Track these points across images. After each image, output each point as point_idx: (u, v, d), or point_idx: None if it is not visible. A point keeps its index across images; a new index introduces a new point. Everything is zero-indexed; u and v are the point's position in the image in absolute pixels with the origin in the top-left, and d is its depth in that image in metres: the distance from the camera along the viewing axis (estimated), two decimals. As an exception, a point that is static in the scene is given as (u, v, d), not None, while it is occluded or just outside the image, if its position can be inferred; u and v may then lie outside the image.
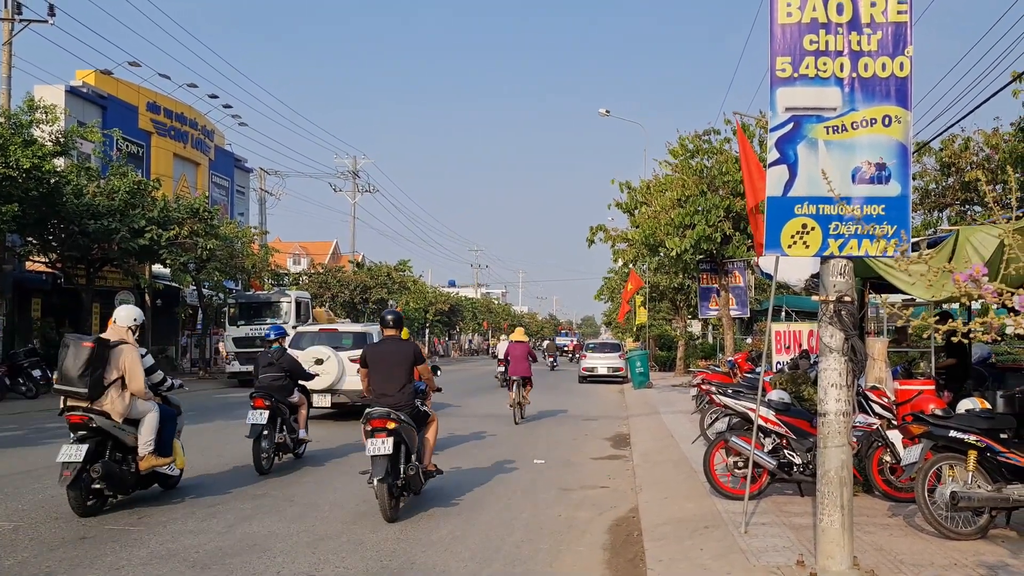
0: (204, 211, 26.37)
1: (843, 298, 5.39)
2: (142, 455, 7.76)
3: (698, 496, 8.19)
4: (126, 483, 7.69)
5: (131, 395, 7.69)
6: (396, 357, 7.96)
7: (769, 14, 5.45)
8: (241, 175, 42.97)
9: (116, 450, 7.64)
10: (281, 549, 6.53)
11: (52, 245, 23.56)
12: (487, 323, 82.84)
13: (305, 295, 29.35)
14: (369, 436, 7.47)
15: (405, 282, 51.93)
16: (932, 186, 18.50)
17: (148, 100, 33.51)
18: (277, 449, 10.10)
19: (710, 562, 5.92)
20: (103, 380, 7.47)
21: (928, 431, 6.85)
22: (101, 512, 7.58)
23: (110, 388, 7.53)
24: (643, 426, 15.09)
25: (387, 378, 7.89)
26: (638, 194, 22.01)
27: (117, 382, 7.58)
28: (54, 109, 20.88)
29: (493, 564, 6.28)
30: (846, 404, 5.44)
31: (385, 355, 8.01)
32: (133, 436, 7.72)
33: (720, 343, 27.56)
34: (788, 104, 5.40)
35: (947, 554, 6.00)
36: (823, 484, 5.40)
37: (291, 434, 10.35)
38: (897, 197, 5.29)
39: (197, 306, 31.76)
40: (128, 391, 7.66)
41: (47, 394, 20.53)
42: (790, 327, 15.40)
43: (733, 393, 8.68)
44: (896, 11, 5.29)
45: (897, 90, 5.27)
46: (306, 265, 58.76)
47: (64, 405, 7.53)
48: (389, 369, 7.91)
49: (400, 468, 7.62)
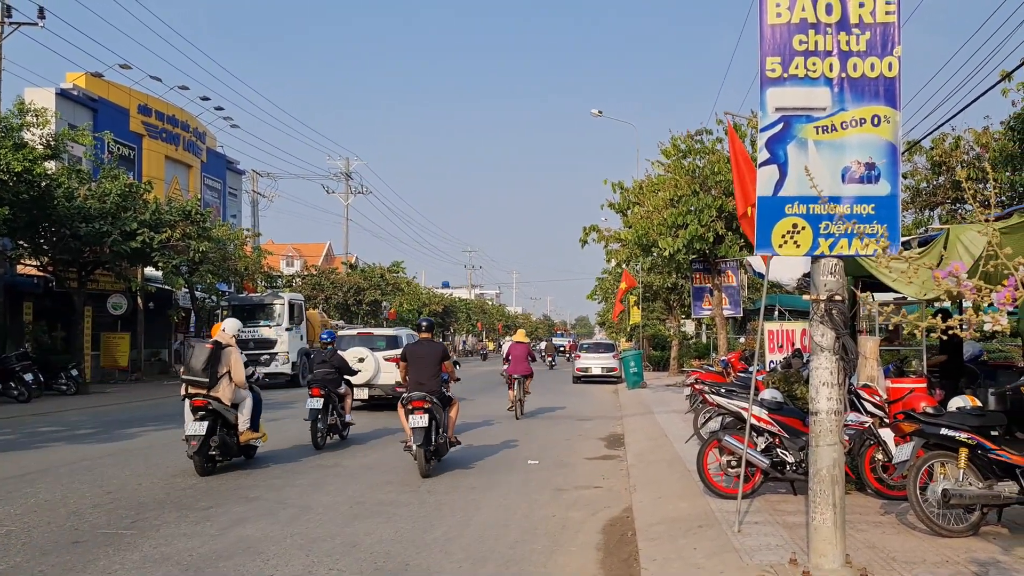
0: (196, 213, 26.31)
1: (834, 297, 5.41)
2: (241, 430, 10.11)
3: (692, 495, 8.21)
4: (231, 451, 10.07)
5: (235, 385, 9.97)
6: (430, 354, 10.23)
7: (759, 14, 5.47)
8: (233, 177, 42.89)
9: (224, 427, 9.86)
10: (275, 552, 6.52)
11: (43, 248, 23.48)
12: (481, 324, 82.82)
13: (298, 297, 29.28)
14: (410, 413, 9.66)
15: (399, 283, 51.93)
16: (923, 185, 18.60)
17: (139, 102, 33.44)
18: (329, 429, 12.27)
19: (704, 561, 5.93)
20: (217, 373, 9.76)
21: (919, 429, 6.87)
22: (214, 472, 9.80)
23: (221, 379, 9.83)
24: (637, 426, 15.11)
25: (422, 370, 10.08)
26: (631, 194, 22.06)
27: (226, 375, 9.87)
28: (45, 112, 20.83)
29: (487, 565, 6.28)
30: (838, 403, 5.46)
31: (421, 353, 10.25)
32: (235, 416, 10.03)
33: (714, 342, 27.62)
34: (778, 104, 5.42)
35: (939, 551, 6.02)
36: (815, 482, 5.42)
37: (339, 418, 12.54)
38: (887, 196, 5.31)
39: (190, 309, 31.69)
40: (233, 382, 9.95)
41: (39, 398, 20.49)
42: (783, 326, 15.46)
43: (726, 392, 8.70)
44: (884, 11, 5.31)
45: (886, 90, 5.30)
46: (299, 267, 58.58)
47: (186, 392, 9.87)
48: (424, 363, 10.12)
49: (432, 437, 9.75)
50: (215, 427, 9.70)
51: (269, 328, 26.32)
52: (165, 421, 15.99)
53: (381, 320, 47.50)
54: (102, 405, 19.76)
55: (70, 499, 8.41)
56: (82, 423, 15.72)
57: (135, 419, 16.40)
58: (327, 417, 12.16)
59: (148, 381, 28.53)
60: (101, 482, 9.37)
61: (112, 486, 9.13)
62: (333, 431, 12.45)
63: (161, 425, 15.23)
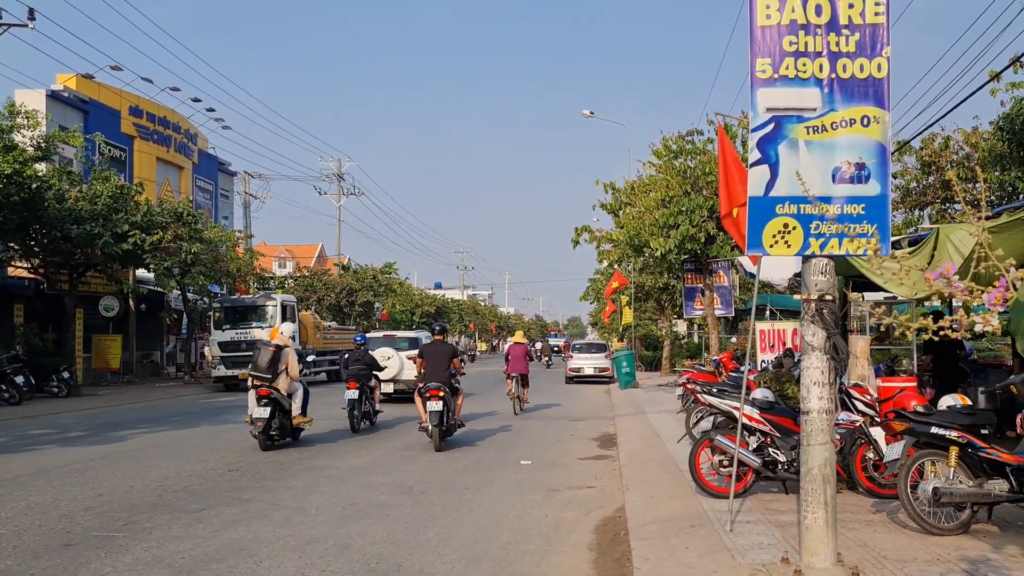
0: (188, 215, 26.24)
1: (825, 297, 5.43)
2: (294, 415, 12.41)
3: (684, 495, 8.23)
4: (287, 432, 12.43)
5: (291, 379, 12.27)
6: (442, 353, 12.57)
7: (749, 16, 5.49)
8: (225, 179, 42.78)
9: (280, 412, 12.11)
10: (267, 554, 6.51)
11: (34, 251, 23.39)
12: (473, 325, 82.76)
13: (291, 298, 29.21)
14: (427, 400, 12.04)
15: (391, 284, 51.83)
16: (913, 185, 18.66)
17: (130, 104, 33.32)
18: (363, 416, 14.58)
19: (696, 560, 5.95)
20: (277, 369, 12.06)
21: (910, 428, 6.91)
22: (273, 448, 11.99)
23: (280, 374, 12.13)
24: (629, 426, 15.14)
25: (436, 366, 12.36)
26: (622, 195, 22.09)
27: (284, 370, 12.18)
28: (35, 114, 20.77)
29: (480, 566, 6.29)
30: (829, 402, 5.48)
31: (435, 351, 12.59)
32: (289, 404, 12.28)
33: (705, 342, 27.67)
34: (769, 105, 5.44)
35: (930, 549, 6.05)
36: (807, 481, 5.44)
37: (371, 406, 14.97)
38: (877, 196, 5.34)
39: (182, 310, 31.59)
40: (289, 376, 12.24)
41: (30, 401, 20.42)
42: (774, 326, 15.51)
43: (718, 392, 8.73)
44: (873, 12, 5.34)
45: (875, 91, 5.32)
46: (291, 268, 58.57)
47: (252, 384, 12.19)
48: (437, 360, 12.39)
49: (444, 419, 12.05)
50: (275, 412, 11.95)
51: (262, 330, 26.22)
52: (157, 423, 15.96)
53: (373, 321, 47.45)
54: (94, 407, 19.70)
55: (61, 502, 8.38)
56: (74, 425, 15.66)
57: (127, 421, 16.35)
58: (361, 406, 14.50)
59: (140, 383, 28.45)
60: (93, 484, 9.34)
61: (104, 488, 9.10)
62: (366, 417, 14.80)
63: (153, 427, 15.20)
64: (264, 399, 11.92)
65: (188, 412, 18.56)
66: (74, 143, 22.39)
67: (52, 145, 21.66)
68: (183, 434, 14.22)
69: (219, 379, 26.25)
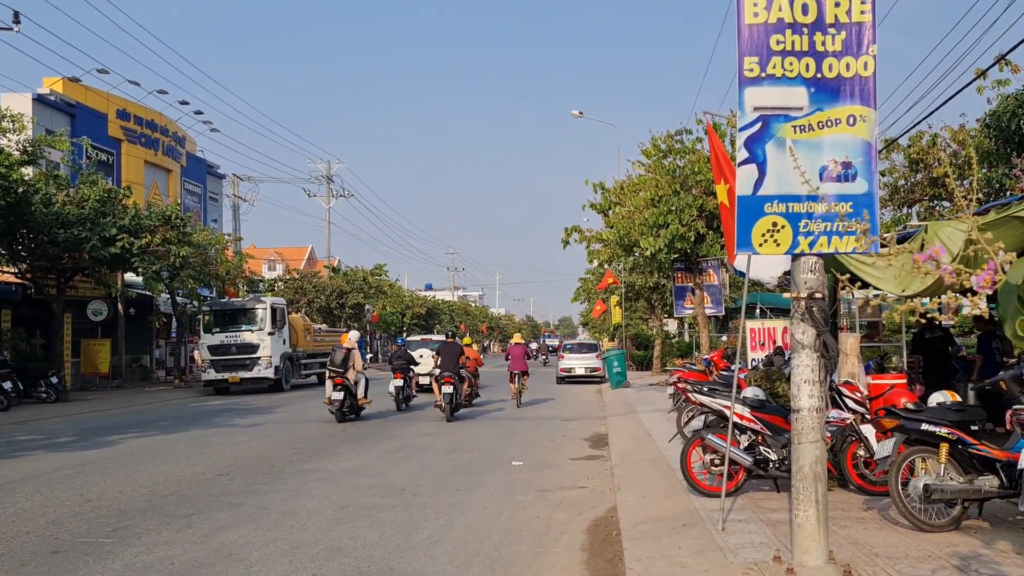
0: (176, 218, 26.11)
1: (814, 295, 5.44)
2: (359, 398, 16.78)
3: (676, 494, 8.23)
4: (355, 410, 16.82)
5: (356, 371, 16.67)
6: (453, 350, 17.31)
7: (736, 14, 5.49)
8: (214, 181, 42.59)
9: (349, 395, 16.41)
10: (257, 558, 6.48)
11: (21, 255, 23.24)
12: (464, 325, 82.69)
13: (281, 301, 29.06)
14: (442, 385, 16.66)
15: (382, 286, 51.75)
16: (901, 182, 18.71)
17: (117, 107, 33.14)
18: (405, 399, 19.02)
19: (688, 560, 5.94)
20: (347, 364, 16.48)
21: (900, 425, 6.92)
22: (344, 422, 16.27)
23: (349, 368, 16.52)
24: (621, 425, 15.14)
25: (448, 360, 16.98)
26: (612, 195, 22.09)
27: (352, 365, 16.58)
28: (21, 118, 20.62)
29: (472, 567, 6.27)
30: (819, 400, 5.48)
31: (447, 350, 17.37)
32: (355, 389, 16.58)
33: (696, 341, 27.68)
34: (756, 104, 5.44)
35: (921, 546, 6.07)
36: (798, 480, 5.44)
37: (409, 391, 19.25)
38: (864, 194, 5.35)
39: (171, 314, 31.43)
40: (355, 369, 16.65)
41: (18, 406, 20.28)
42: (764, 324, 15.54)
43: (709, 391, 8.72)
44: (859, 11, 5.35)
45: (861, 89, 5.33)
46: (281, 271, 58.35)
47: (329, 375, 16.45)
48: (449, 356, 17.10)
49: (453, 399, 16.62)
50: (346, 395, 16.28)
51: (251, 333, 26.09)
52: (146, 428, 15.88)
53: (364, 323, 47.35)
54: (82, 412, 19.58)
55: (49, 508, 8.32)
56: (62, 431, 15.57)
57: (116, 426, 16.26)
58: (404, 391, 18.95)
59: (129, 387, 28.28)
60: (81, 490, 9.28)
61: (92, 494, 9.04)
62: (407, 399, 19.07)
63: (143, 432, 15.11)
64: (339, 386, 16.22)
65: (178, 416, 18.47)
66: (61, 147, 22.25)
67: (39, 149, 21.53)
68: (172, 438, 14.15)
69: (209, 383, 26.09)
